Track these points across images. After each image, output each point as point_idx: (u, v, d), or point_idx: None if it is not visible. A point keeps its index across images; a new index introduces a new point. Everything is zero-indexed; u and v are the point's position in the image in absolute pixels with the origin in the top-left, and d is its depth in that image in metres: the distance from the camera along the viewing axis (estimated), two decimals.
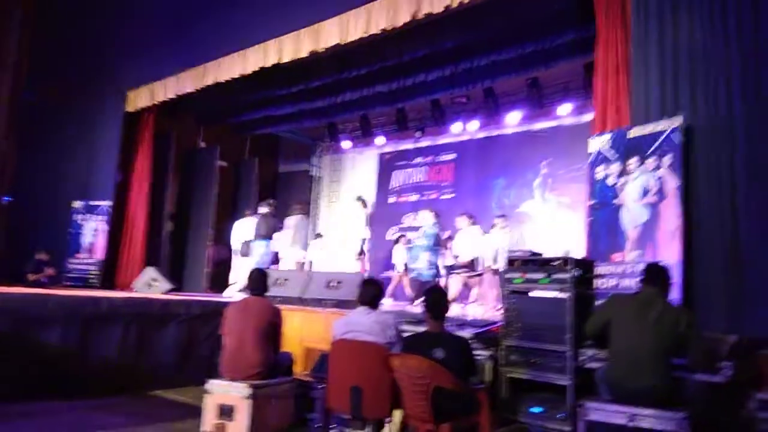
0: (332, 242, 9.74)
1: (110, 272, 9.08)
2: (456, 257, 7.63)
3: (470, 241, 7.53)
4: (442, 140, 10.89)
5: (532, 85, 8.61)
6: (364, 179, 12.03)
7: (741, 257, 3.80)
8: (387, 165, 11.76)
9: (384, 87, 8.57)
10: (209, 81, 8.03)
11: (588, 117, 7.63)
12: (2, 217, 9.88)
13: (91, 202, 9.15)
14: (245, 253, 8.10)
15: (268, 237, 7.83)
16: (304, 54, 6.92)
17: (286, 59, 7.10)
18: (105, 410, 4.52)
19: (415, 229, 10.58)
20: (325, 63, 7.90)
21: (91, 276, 8.89)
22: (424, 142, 11.11)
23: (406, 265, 8.45)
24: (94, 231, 9.07)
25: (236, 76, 7.73)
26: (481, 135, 10.31)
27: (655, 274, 3.30)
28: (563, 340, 3.63)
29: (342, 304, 5.59)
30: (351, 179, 12.37)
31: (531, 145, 9.61)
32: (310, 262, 8.58)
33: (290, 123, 10.63)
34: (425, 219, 7.41)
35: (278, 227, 8.00)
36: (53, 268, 8.44)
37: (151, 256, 9.19)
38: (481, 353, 3.94)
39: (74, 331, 4.90)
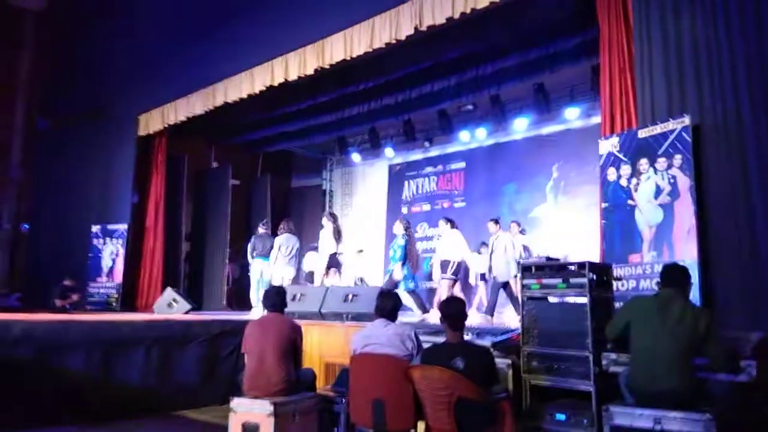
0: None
1: (130, 295, 9.18)
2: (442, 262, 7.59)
3: (450, 245, 7.50)
4: (451, 149, 10.92)
5: (538, 90, 8.60)
6: (376, 191, 12.08)
7: (758, 254, 3.76)
8: (397, 176, 11.80)
9: (391, 99, 8.65)
10: (218, 101, 8.14)
11: (597, 119, 7.61)
12: (23, 245, 10.08)
13: (109, 226, 9.28)
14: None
15: (264, 255, 8.12)
16: (310, 71, 6.99)
17: (292, 77, 7.18)
18: None
19: (429, 238, 10.62)
20: (332, 78, 7.97)
21: (112, 299, 9.00)
22: (434, 152, 11.15)
23: None
24: (112, 254, 9.19)
25: (244, 96, 7.83)
26: (490, 142, 10.33)
27: (674, 275, 3.28)
28: (584, 344, 3.61)
29: (360, 317, 5.61)
30: (363, 191, 12.43)
31: (540, 149, 9.60)
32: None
33: (300, 139, 10.73)
34: (396, 230, 7.31)
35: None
36: (78, 293, 8.56)
37: (170, 277, 9.29)
38: (501, 361, 3.92)
39: (97, 356, 4.97)
